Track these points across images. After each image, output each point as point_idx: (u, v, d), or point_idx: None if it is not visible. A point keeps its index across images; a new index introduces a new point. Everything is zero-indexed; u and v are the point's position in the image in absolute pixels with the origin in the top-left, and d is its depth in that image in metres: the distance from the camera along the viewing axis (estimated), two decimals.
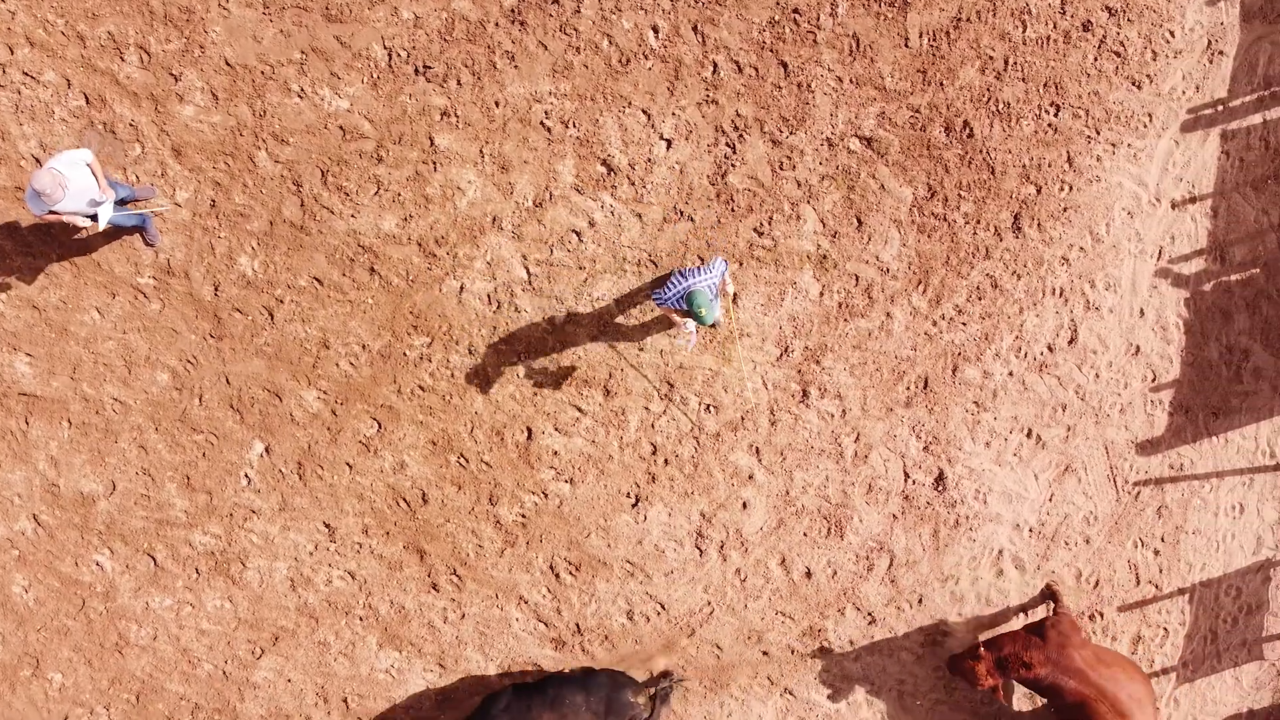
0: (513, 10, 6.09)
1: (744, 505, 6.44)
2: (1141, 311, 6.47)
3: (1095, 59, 6.31)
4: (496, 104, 6.15)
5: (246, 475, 6.26)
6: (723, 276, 5.47)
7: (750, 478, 6.42)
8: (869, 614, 6.55)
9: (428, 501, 6.33)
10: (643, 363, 6.35)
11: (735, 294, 6.16)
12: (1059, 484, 6.54)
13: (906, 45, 6.22)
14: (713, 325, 5.54)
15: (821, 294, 6.32)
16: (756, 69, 6.19)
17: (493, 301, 6.25)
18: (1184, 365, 6.51)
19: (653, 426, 6.39)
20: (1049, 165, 6.35)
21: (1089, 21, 6.28)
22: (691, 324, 5.54)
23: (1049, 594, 6.45)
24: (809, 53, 6.19)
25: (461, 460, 6.34)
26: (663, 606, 6.49)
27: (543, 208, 6.21)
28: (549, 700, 5.73)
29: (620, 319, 6.30)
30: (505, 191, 6.20)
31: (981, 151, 6.31)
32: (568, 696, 5.74)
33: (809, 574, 6.50)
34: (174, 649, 6.36)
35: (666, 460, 6.40)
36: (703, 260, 6.24)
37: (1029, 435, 6.51)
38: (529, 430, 6.32)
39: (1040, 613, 6.63)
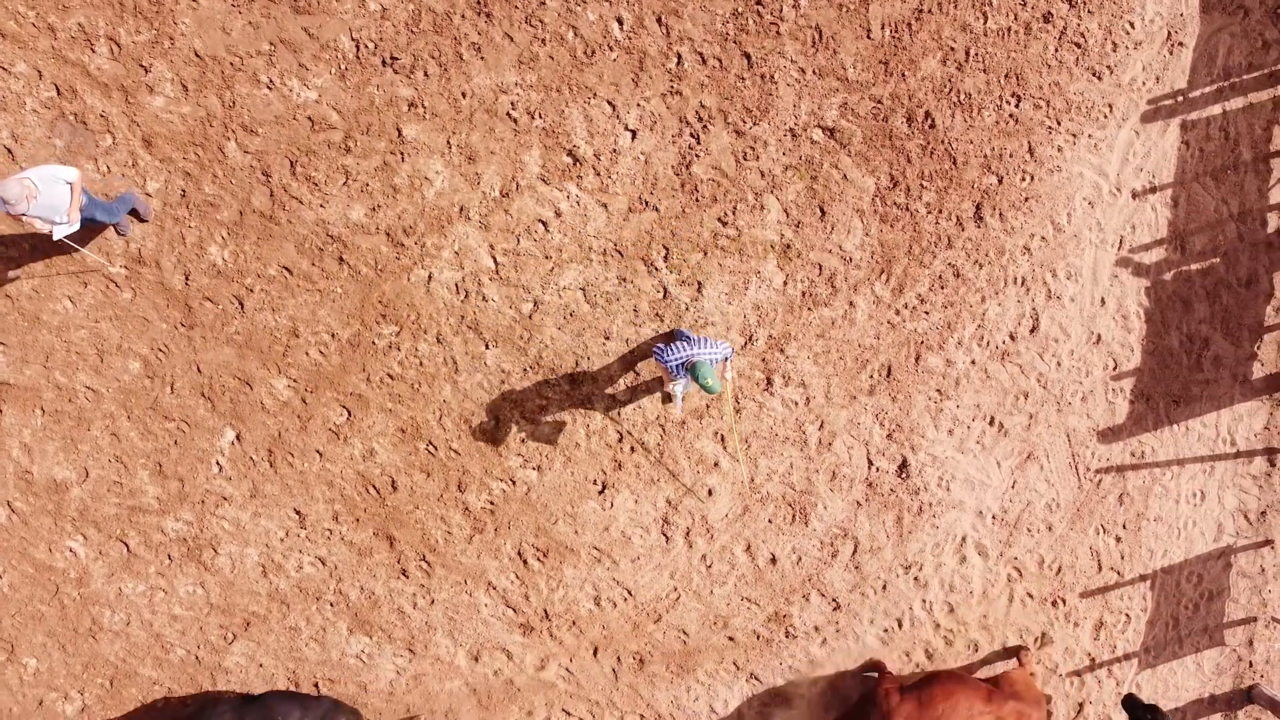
0: (479, 2, 6.14)
1: (710, 492, 6.51)
2: (1103, 300, 6.53)
3: (1056, 50, 6.37)
4: (463, 95, 6.20)
5: (218, 462, 6.33)
6: (727, 361, 5.47)
7: (715, 465, 6.50)
8: (834, 600, 6.62)
9: (397, 489, 6.40)
10: (609, 352, 6.43)
11: (736, 387, 6.20)
12: (1021, 471, 6.60)
13: (869, 36, 6.27)
14: (715, 393, 5.39)
15: (785, 283, 6.38)
16: (720, 60, 6.24)
17: (460, 291, 6.31)
18: (1145, 354, 6.57)
19: (619, 415, 6.46)
20: (1010, 155, 6.41)
21: (1050, 13, 6.33)
22: (679, 386, 5.61)
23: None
24: (772, 44, 6.25)
25: (430, 448, 6.40)
26: (629, 592, 6.56)
27: (509, 198, 6.26)
28: (266, 714, 5.82)
29: (586, 309, 6.38)
30: (472, 182, 6.25)
31: (943, 142, 6.36)
32: (285, 712, 5.83)
33: (774, 560, 6.57)
34: (147, 634, 6.43)
35: (633, 448, 6.47)
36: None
37: (991, 423, 6.57)
38: (496, 418, 6.40)
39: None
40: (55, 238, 5.50)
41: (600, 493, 6.41)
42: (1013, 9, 6.23)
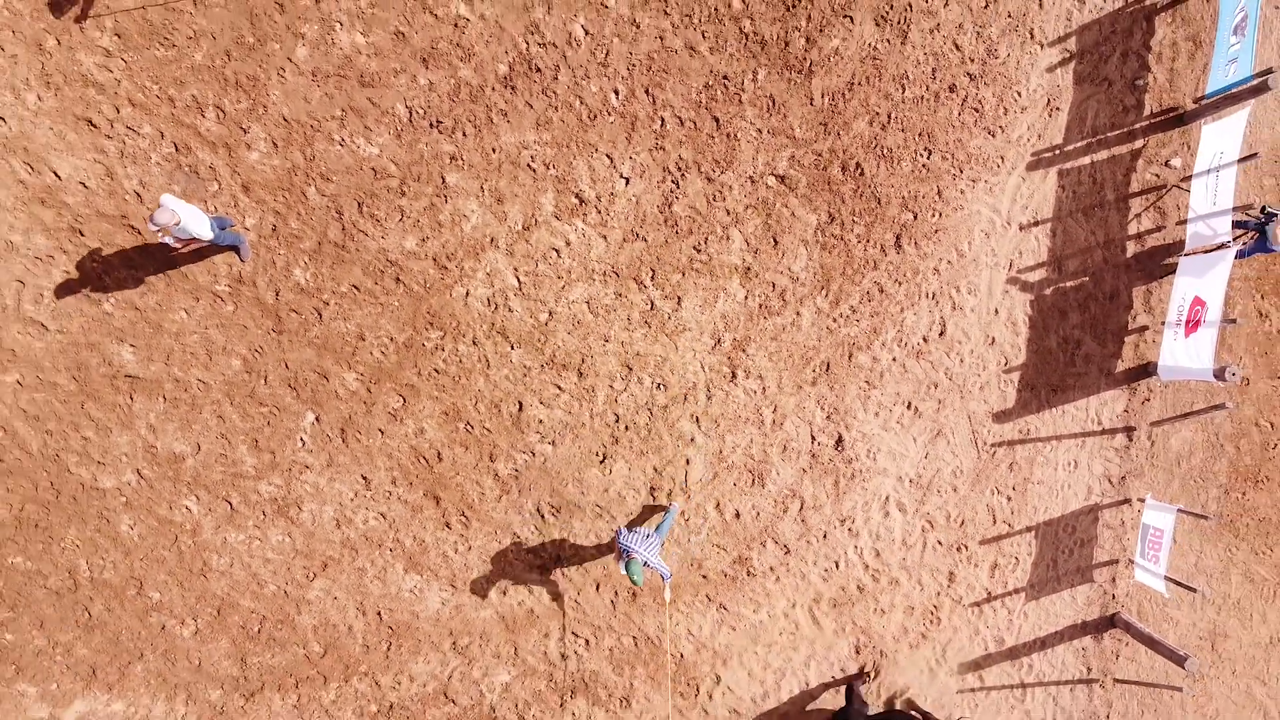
0: (505, 78, 7.74)
1: (687, 461, 8.18)
2: (996, 310, 8.18)
3: (959, 114, 7.98)
4: (493, 150, 7.81)
5: (301, 439, 7.96)
6: (664, 579, 6.96)
7: (692, 440, 8.15)
8: (785, 546, 8.29)
9: (441, 459, 8.05)
10: (608, 352, 8.06)
11: (670, 587, 7.38)
12: (932, 445, 8.26)
13: (811, 104, 7.88)
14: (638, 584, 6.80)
15: (746, 297, 8.01)
16: (695, 122, 7.85)
17: (491, 303, 7.94)
18: (1030, 352, 8.22)
19: (616, 400, 8.11)
20: (923, 197, 8.04)
21: (954, 84, 7.94)
22: (623, 565, 6.85)
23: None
24: (736, 110, 7.85)
25: (468, 427, 8.05)
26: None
27: (529, 230, 7.89)
28: None
29: (590, 317, 8.00)
30: (500, 218, 7.87)
31: (870, 186, 7.99)
32: None
33: (738, 515, 8.24)
34: (246, 573, 8.09)
35: (627, 426, 8.12)
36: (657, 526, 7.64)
37: (909, 407, 8.23)
38: (520, 404, 8.03)
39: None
40: (189, 246, 7.16)
41: (601, 462, 8.07)
42: (925, 82, 7.84)
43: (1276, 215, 7.11)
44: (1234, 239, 7.60)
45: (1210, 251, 7.29)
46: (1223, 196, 7.18)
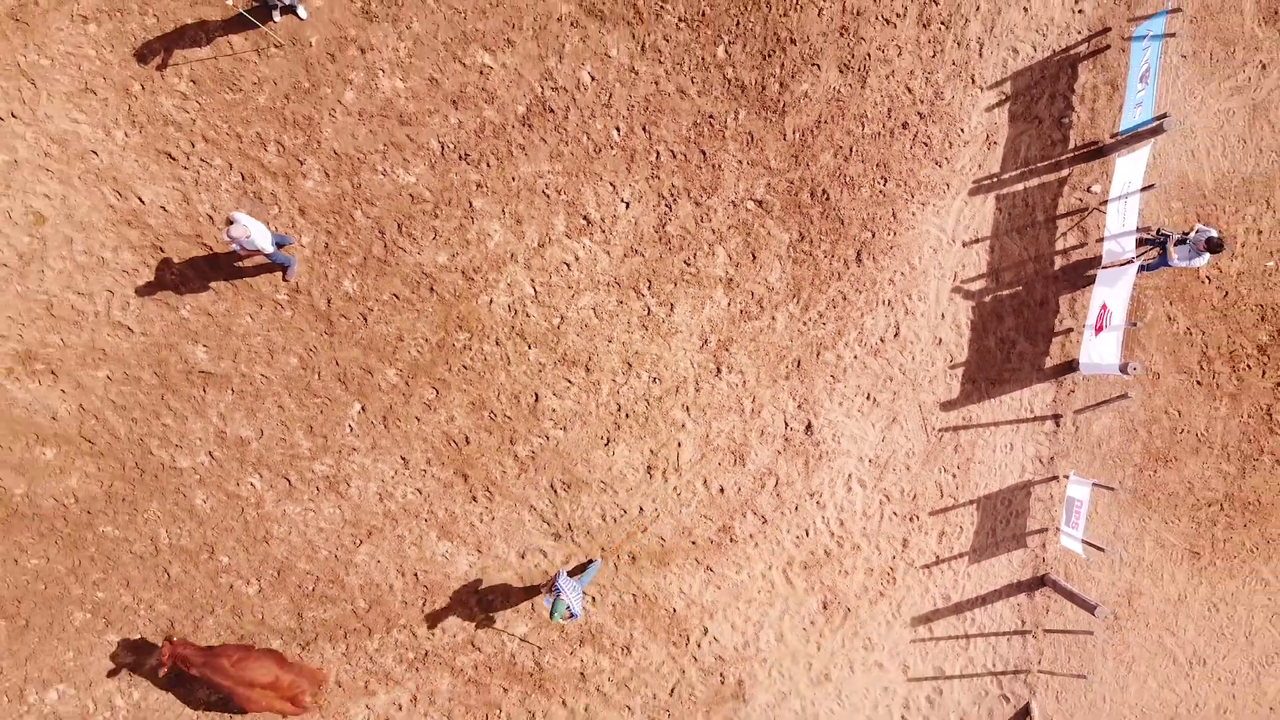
0: (523, 117, 9.01)
1: (679, 444, 9.49)
2: (943, 315, 9.48)
3: (910, 147, 9.27)
4: (513, 179, 9.08)
5: (349, 425, 9.26)
6: (572, 615, 8.13)
7: (683, 426, 9.47)
8: (762, 516, 9.61)
9: (469, 442, 9.35)
10: (611, 351, 9.36)
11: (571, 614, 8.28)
12: (888, 430, 9.58)
13: (784, 139, 9.16)
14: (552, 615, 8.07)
15: (729, 304, 9.32)
16: (685, 155, 9.13)
17: (511, 310, 9.23)
18: (971, 351, 9.54)
19: (618, 392, 9.41)
20: (880, 218, 9.33)
21: (906, 122, 9.22)
22: (546, 603, 8.20)
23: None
24: (720, 144, 9.14)
25: (491, 415, 9.35)
26: (624, 511, 9.54)
27: (544, 247, 9.17)
28: None
29: (596, 321, 9.30)
30: (519, 236, 9.15)
31: (835, 209, 9.28)
32: None
33: (722, 490, 9.56)
34: (302, 540, 9.39)
35: (627, 414, 9.42)
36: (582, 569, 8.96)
37: (868, 398, 9.55)
38: (536, 395, 9.33)
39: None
40: (253, 261, 8.44)
41: (605, 445, 9.38)
42: (881, 120, 9.13)
43: (1171, 236, 8.41)
44: (1140, 255, 8.92)
45: (1121, 265, 8.61)
46: (1129, 219, 8.50)
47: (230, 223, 7.93)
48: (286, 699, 8.64)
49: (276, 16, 8.56)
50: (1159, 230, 8.62)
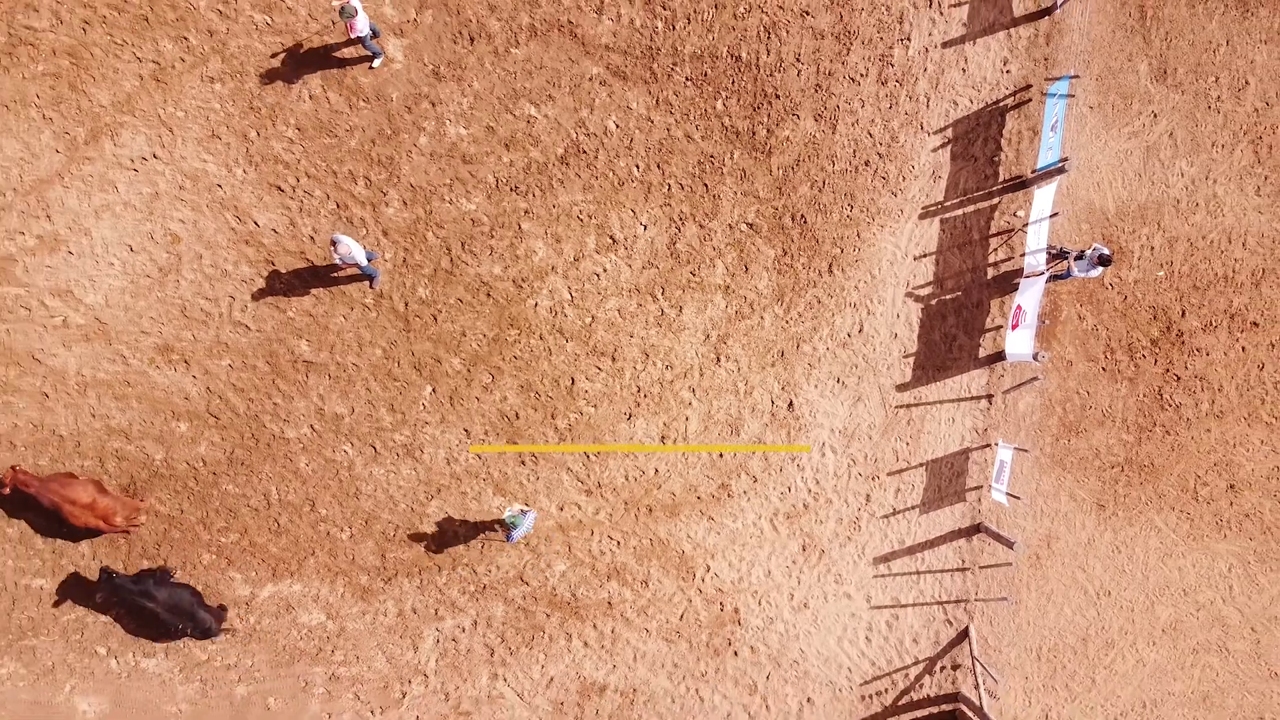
0: (561, 157, 11.17)
1: (686, 419, 11.74)
2: (898, 315, 11.72)
3: (872, 181, 11.46)
4: (554, 205, 11.26)
5: (423, 403, 11.45)
6: (527, 530, 10.25)
7: (689, 404, 11.71)
8: (753, 477, 11.85)
9: (519, 418, 11.56)
10: (632, 344, 11.58)
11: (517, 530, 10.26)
12: (854, 407, 11.83)
13: (771, 174, 11.34)
14: (510, 526, 10.14)
15: (726, 306, 11.52)
16: (691, 187, 11.32)
17: (552, 312, 11.42)
18: (920, 343, 11.76)
19: (638, 377, 11.64)
20: (847, 237, 11.54)
21: (868, 160, 11.40)
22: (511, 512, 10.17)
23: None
24: (718, 178, 11.32)
25: (536, 395, 11.55)
26: (642, 472, 11.80)
27: (578, 262, 11.35)
28: (159, 585, 10.32)
29: (621, 320, 11.50)
30: (558, 253, 11.33)
31: (811, 230, 11.49)
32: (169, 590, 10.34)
33: (720, 456, 11.83)
34: (385, 496, 11.60)
35: (645, 395, 11.65)
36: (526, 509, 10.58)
37: (838, 381, 11.78)
38: (572, 379, 11.53)
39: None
40: (346, 272, 10.63)
41: (628, 419, 11.60)
42: (848, 159, 11.31)
43: (1071, 252, 10.65)
44: (1051, 268, 11.15)
45: (1036, 276, 10.84)
46: (1042, 239, 10.73)
47: (335, 243, 10.10)
48: (100, 518, 10.42)
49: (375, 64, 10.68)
50: (1062, 248, 10.87)
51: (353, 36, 9.98)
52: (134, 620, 11.10)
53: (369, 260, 10.70)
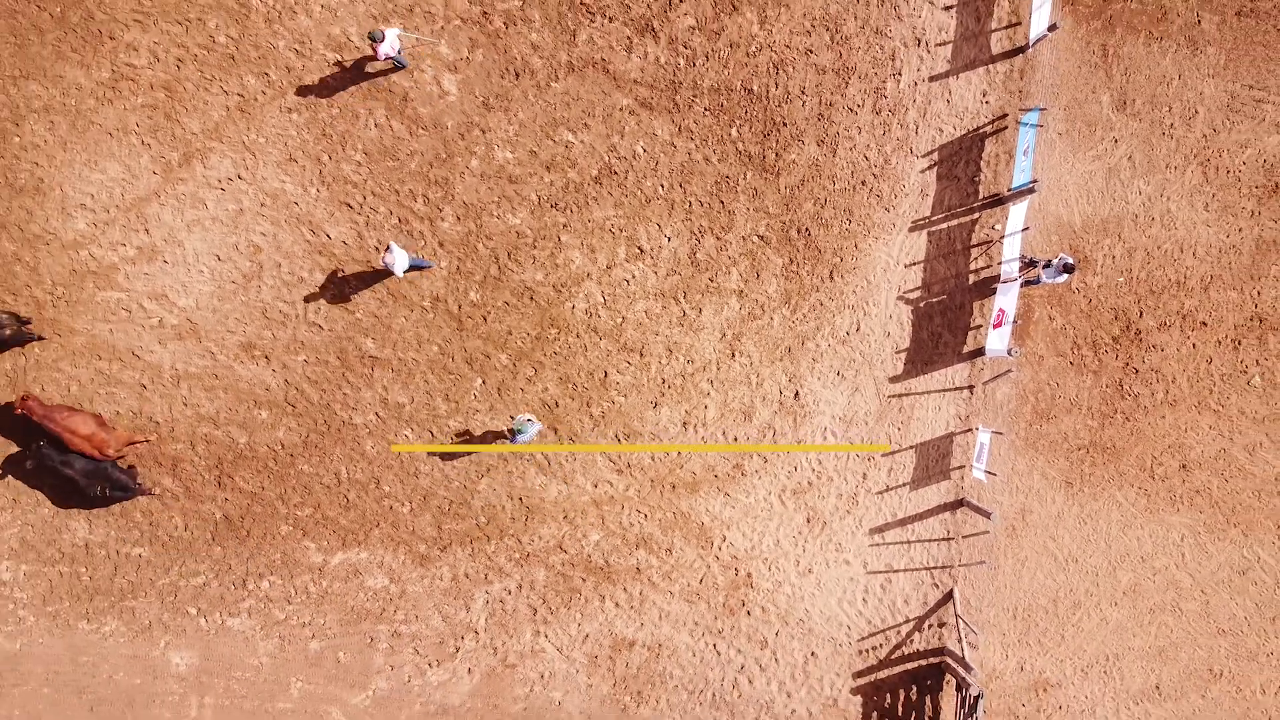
0: (596, 177, 12.68)
1: (705, 407, 13.30)
2: (890, 316, 13.27)
3: (868, 198, 12.99)
4: (589, 220, 12.77)
5: (474, 394, 12.98)
6: (531, 438, 11.53)
7: (708, 394, 13.28)
8: (763, 457, 13.47)
9: (559, 406, 13.09)
10: (658, 341, 13.12)
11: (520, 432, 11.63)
12: (852, 396, 13.41)
13: (779, 192, 12.88)
14: (516, 432, 11.47)
15: (740, 308, 13.06)
16: (709, 204, 12.85)
17: (588, 313, 12.95)
18: (911, 341, 13.33)
19: (663, 370, 13.20)
20: (846, 248, 13.09)
21: (864, 180, 12.94)
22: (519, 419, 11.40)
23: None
24: (733, 196, 12.85)
25: (573, 386, 13.09)
26: (667, 454, 13.39)
27: (610, 270, 12.88)
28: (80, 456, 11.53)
29: (647, 320, 13.05)
30: (593, 261, 12.85)
31: (815, 242, 13.04)
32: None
33: (735, 439, 13.37)
34: (440, 473, 13.01)
35: (669, 386, 13.18)
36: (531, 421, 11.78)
37: (838, 374, 13.36)
38: (605, 372, 13.08)
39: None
40: (399, 273, 12.16)
41: (654, 407, 13.15)
42: (847, 179, 12.85)
43: (1039, 261, 12.22)
44: (1024, 275, 12.72)
45: (1011, 282, 12.42)
46: (1016, 249, 12.30)
47: (388, 249, 11.61)
48: (96, 448, 11.72)
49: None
50: (1032, 257, 12.45)
51: (380, 59, 11.31)
52: (60, 492, 12.30)
53: (416, 268, 12.19)
